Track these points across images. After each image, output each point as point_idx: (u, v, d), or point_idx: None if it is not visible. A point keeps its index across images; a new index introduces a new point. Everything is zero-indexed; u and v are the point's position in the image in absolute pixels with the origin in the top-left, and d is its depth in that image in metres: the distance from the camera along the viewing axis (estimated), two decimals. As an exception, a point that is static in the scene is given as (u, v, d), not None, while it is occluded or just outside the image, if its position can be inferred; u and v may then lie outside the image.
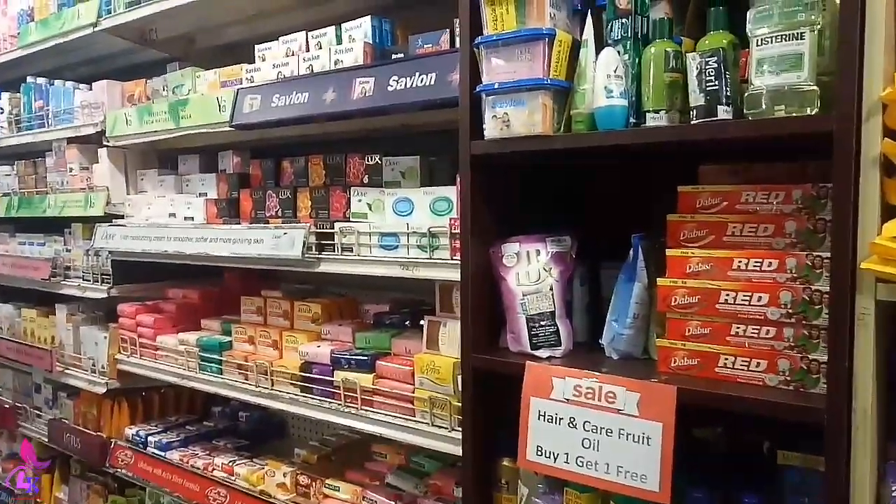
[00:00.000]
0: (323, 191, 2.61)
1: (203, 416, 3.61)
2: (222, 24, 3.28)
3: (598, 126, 1.62)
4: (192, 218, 3.00)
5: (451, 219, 2.10)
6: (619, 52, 1.61)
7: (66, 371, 3.57)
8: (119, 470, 3.27)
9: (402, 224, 2.23)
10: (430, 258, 2.12)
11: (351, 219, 2.45)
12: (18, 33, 3.73)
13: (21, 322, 3.97)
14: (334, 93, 2.25)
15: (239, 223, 2.79)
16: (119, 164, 3.37)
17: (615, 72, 1.58)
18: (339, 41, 2.48)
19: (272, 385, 2.61)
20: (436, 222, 2.16)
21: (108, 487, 3.66)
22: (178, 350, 2.99)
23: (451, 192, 2.16)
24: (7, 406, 4.05)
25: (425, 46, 2.20)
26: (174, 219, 3.09)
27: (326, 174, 2.70)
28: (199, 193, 3.10)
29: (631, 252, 1.75)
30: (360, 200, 2.43)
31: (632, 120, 1.61)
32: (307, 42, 2.59)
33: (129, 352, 3.24)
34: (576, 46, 1.69)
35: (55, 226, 4.05)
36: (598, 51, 1.63)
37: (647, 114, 1.57)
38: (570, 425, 1.59)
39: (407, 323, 2.52)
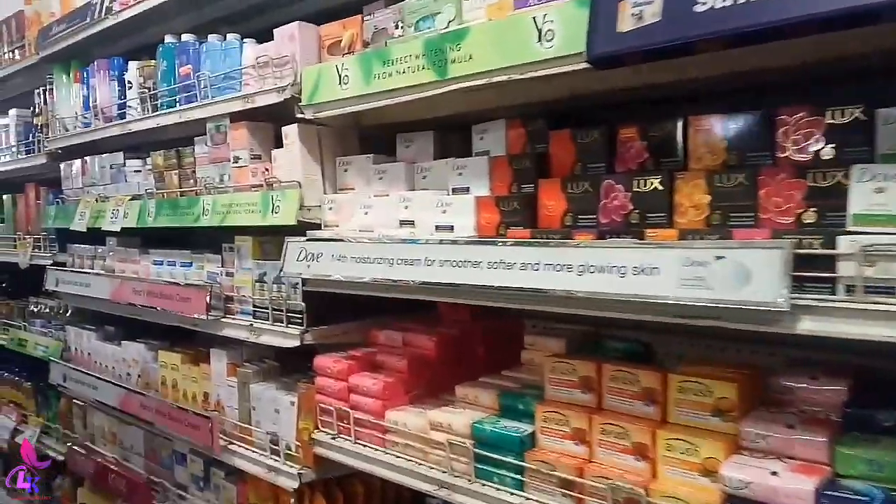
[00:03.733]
0: (739, 176, 1.43)
1: (419, 511, 2.49)
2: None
3: None
4: (451, 227, 1.87)
5: None
6: None
7: (232, 448, 2.51)
8: None
9: None
10: None
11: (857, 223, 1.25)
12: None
13: (157, 369, 2.95)
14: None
15: (543, 236, 1.63)
16: (313, 148, 2.28)
17: None
18: None
19: (648, 530, 1.44)
20: None
21: None
22: (432, 440, 1.87)
23: None
24: (140, 480, 3.03)
25: None
26: (410, 228, 1.97)
27: (728, 147, 1.52)
28: (454, 189, 1.96)
29: None
30: None
31: None
32: None
33: (334, 429, 2.14)
34: None
35: (199, 240, 3.02)
36: None
37: None
38: None
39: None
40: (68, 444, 3.62)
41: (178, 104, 2.71)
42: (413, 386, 2.10)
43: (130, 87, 2.98)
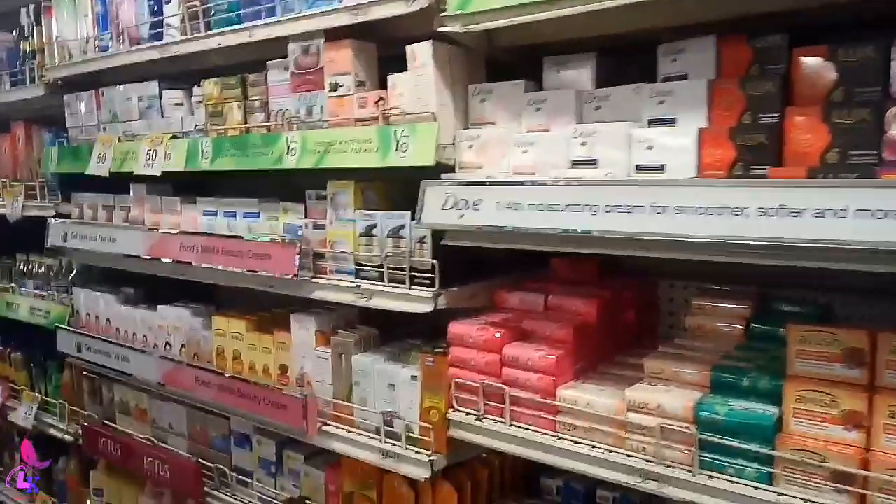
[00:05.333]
0: None
1: (531, 491, 2.21)
2: None
3: None
4: (660, 167, 1.53)
5: None
6: None
7: (327, 430, 2.14)
8: None
9: None
10: None
11: None
12: None
13: (210, 337, 2.53)
14: None
15: (833, 174, 1.31)
16: (445, 73, 1.87)
17: None
18: None
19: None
20: None
21: None
22: (630, 423, 1.56)
23: None
24: (188, 463, 2.63)
25: None
26: (589, 169, 1.63)
27: None
28: (651, 121, 1.61)
29: None
30: None
31: None
32: None
33: (479, 409, 1.80)
34: None
35: (248, 187, 2.57)
36: None
37: None
38: None
39: None
40: (81, 423, 3.15)
41: (243, 21, 2.24)
42: (578, 358, 1.78)
43: (169, 2, 2.47)
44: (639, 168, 1.57)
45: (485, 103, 1.89)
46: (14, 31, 3.34)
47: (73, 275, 3.27)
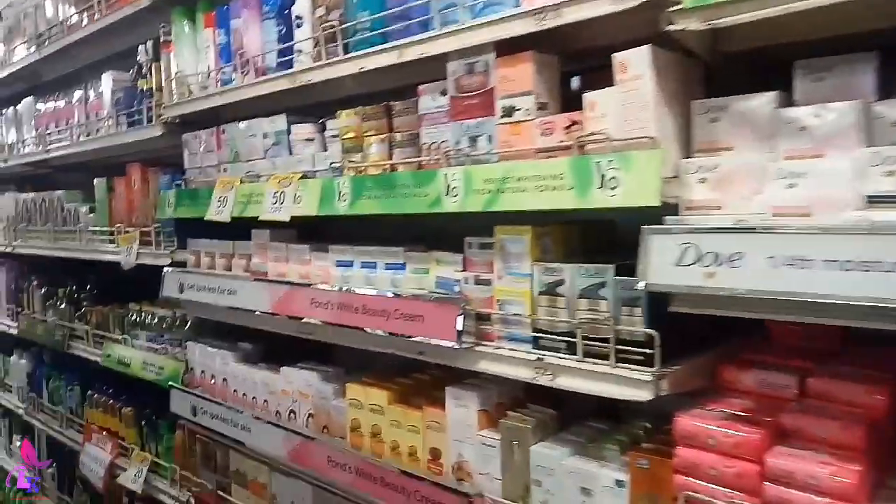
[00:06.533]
0: None
1: None
2: None
3: None
4: None
5: None
6: None
7: (500, 539, 1.71)
8: None
9: None
10: None
11: None
12: None
13: (343, 408, 2.15)
14: None
15: None
16: (665, 87, 1.44)
17: None
18: None
19: None
20: None
21: None
22: None
23: None
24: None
25: None
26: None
27: None
28: None
29: None
30: None
31: None
32: None
33: (722, 535, 1.32)
34: None
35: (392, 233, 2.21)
36: None
37: None
38: None
39: None
40: (192, 490, 2.86)
41: (387, 40, 1.90)
42: (871, 470, 1.28)
43: (300, 25, 2.18)
44: None
45: (716, 123, 1.44)
46: (131, 71, 3.18)
47: (187, 328, 3.01)
